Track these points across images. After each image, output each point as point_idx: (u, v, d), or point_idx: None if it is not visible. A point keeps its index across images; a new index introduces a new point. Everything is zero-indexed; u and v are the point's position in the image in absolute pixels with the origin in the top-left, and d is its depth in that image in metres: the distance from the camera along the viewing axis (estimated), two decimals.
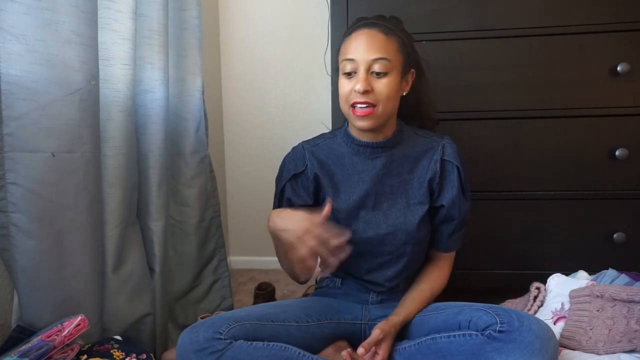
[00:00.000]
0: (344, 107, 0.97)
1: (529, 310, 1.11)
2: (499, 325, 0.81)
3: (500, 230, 1.34)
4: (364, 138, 1.02)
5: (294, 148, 1.08)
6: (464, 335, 0.85)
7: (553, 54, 1.25)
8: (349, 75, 0.95)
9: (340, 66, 0.97)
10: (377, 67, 0.93)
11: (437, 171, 1.01)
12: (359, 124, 0.96)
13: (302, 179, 1.05)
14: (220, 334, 0.83)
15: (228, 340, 0.83)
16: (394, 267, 1.03)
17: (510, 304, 1.18)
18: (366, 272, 1.04)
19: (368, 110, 0.93)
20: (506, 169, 1.31)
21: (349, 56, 0.94)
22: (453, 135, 1.07)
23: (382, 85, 0.93)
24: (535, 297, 1.14)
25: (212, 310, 1.44)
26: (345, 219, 1.02)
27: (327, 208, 0.90)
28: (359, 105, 0.93)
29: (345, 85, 0.96)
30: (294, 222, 0.90)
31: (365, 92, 0.92)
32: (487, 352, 0.81)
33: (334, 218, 1.03)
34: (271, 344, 0.86)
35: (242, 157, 1.98)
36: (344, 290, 1.09)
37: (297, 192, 1.05)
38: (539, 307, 1.11)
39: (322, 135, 1.10)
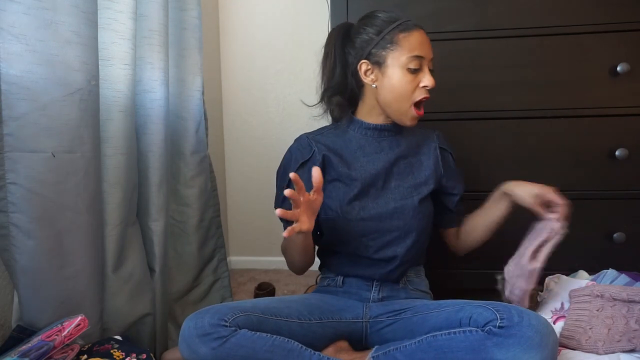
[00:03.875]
0: (403, 105, 1.01)
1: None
2: (499, 321, 0.81)
3: (500, 230, 1.34)
4: (373, 121, 1.08)
5: (297, 139, 1.11)
6: (464, 331, 0.85)
7: (553, 54, 1.25)
8: (415, 71, 0.99)
9: (402, 61, 0.99)
10: (430, 65, 1.03)
11: (439, 156, 1.11)
12: (411, 122, 1.04)
13: (310, 165, 1.06)
14: (226, 321, 0.84)
15: (233, 328, 0.84)
16: (402, 243, 1.04)
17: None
18: (376, 250, 1.05)
19: (422, 110, 1.04)
20: (506, 169, 1.31)
21: (418, 53, 0.99)
22: (453, 134, 1.09)
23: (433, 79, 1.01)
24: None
25: None
26: (355, 196, 1.04)
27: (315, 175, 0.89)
28: (421, 104, 1.02)
29: (409, 80, 1.00)
30: None
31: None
32: (488, 347, 0.81)
33: (343, 197, 1.05)
34: (275, 335, 0.87)
35: (242, 157, 1.98)
36: (345, 289, 1.09)
37: (305, 179, 1.05)
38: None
39: (325, 127, 1.14)
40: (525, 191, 1.01)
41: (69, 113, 0.89)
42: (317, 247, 1.14)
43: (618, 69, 1.22)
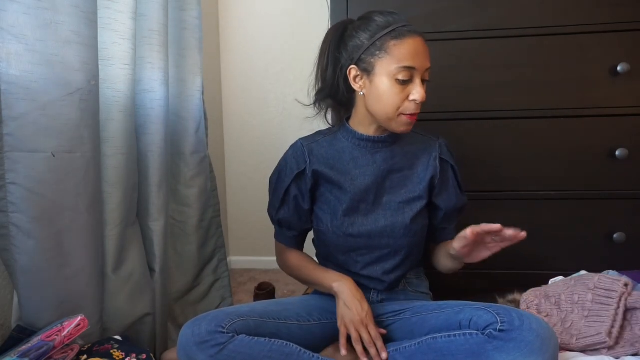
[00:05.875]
0: (391, 113, 0.94)
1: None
2: (499, 325, 0.81)
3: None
4: (367, 132, 1.02)
5: (292, 146, 1.08)
6: (464, 334, 0.85)
7: (553, 54, 1.25)
8: (405, 82, 0.92)
9: (391, 71, 0.92)
10: (426, 76, 0.95)
11: (437, 167, 1.04)
12: (404, 129, 0.96)
13: (305, 176, 1.05)
14: (223, 327, 0.84)
15: (230, 334, 0.84)
16: (392, 260, 1.03)
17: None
18: (363, 266, 1.04)
19: (416, 116, 0.96)
20: (506, 169, 1.31)
21: (408, 64, 0.91)
22: (453, 135, 1.08)
23: (425, 92, 0.94)
24: None
25: None
26: (345, 211, 1.02)
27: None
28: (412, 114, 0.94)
29: (398, 92, 0.92)
30: (358, 307, 0.96)
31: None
32: (488, 351, 0.81)
33: (334, 211, 1.03)
34: (273, 340, 0.87)
35: (242, 157, 1.98)
36: None
37: (302, 190, 1.05)
38: None
39: (320, 132, 1.10)
40: (459, 239, 0.91)
41: (69, 113, 0.89)
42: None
43: (618, 69, 1.22)
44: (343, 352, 0.94)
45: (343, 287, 0.99)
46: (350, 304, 0.96)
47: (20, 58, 0.82)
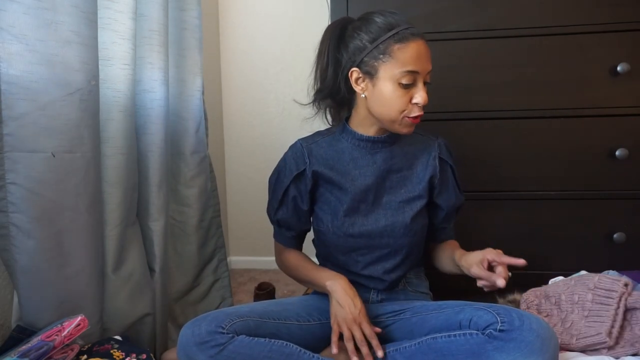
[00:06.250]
0: (394, 116, 0.94)
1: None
2: (499, 325, 0.81)
3: (500, 230, 1.34)
4: (367, 133, 1.02)
5: (292, 146, 1.08)
6: (464, 334, 0.85)
7: (553, 54, 1.25)
8: (408, 86, 0.92)
9: (395, 75, 0.91)
10: (427, 78, 0.95)
11: (437, 167, 1.04)
12: (406, 130, 0.96)
13: (304, 177, 1.04)
14: (223, 328, 0.84)
15: (230, 335, 0.84)
16: (392, 259, 1.03)
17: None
18: (364, 266, 1.04)
19: (419, 118, 0.96)
20: (506, 169, 1.31)
21: (412, 68, 0.90)
22: (452, 135, 1.08)
23: (426, 94, 0.93)
24: None
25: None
26: (345, 211, 1.02)
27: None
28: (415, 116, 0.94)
29: (401, 95, 0.92)
30: (351, 305, 0.96)
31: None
32: (488, 351, 0.81)
33: (334, 211, 1.03)
34: (273, 340, 0.87)
35: (242, 157, 1.98)
36: None
37: (301, 191, 1.05)
38: None
39: (319, 133, 1.09)
40: (468, 262, 0.94)
41: (69, 113, 0.89)
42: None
43: (618, 69, 1.22)
44: (334, 349, 0.93)
45: (336, 285, 0.99)
46: (343, 301, 0.96)
47: (21, 58, 0.82)
